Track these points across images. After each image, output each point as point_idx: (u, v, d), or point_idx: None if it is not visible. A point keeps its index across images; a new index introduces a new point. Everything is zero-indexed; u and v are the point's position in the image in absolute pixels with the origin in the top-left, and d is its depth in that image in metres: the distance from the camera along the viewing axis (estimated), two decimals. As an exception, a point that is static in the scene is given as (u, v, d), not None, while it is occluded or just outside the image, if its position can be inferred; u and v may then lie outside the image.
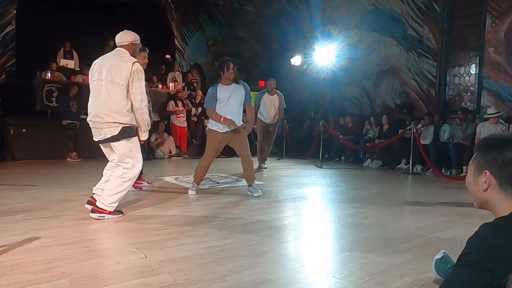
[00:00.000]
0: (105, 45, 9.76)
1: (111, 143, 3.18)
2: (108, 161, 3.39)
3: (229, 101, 4.30)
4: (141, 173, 4.76)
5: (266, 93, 6.98)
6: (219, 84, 4.34)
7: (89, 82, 3.30)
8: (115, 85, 3.10)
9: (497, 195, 1.15)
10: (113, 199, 3.16)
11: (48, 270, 2.04)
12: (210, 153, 4.44)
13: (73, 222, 3.05)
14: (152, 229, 2.89)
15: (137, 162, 3.24)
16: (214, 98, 4.30)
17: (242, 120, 4.51)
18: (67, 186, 4.64)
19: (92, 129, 3.25)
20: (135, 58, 3.25)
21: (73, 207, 3.57)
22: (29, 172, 5.89)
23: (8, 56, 8.88)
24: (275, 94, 6.98)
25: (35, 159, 7.32)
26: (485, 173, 1.17)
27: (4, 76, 8.18)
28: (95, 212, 3.15)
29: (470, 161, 1.25)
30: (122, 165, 3.19)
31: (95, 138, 3.25)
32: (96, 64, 3.26)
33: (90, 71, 3.32)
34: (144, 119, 3.23)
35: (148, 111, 3.34)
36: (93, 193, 3.35)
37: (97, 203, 3.18)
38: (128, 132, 3.16)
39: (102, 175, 3.40)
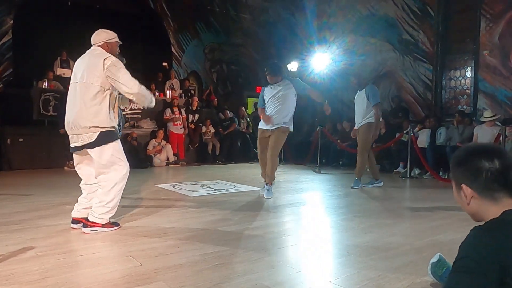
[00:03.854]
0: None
1: (90, 151, 2.94)
2: (80, 176, 3.16)
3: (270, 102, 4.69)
4: None
5: (358, 90, 5.61)
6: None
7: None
8: (89, 86, 2.90)
9: (481, 204, 1.18)
10: (103, 210, 2.95)
11: (42, 280, 2.02)
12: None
13: (69, 231, 3.03)
14: (148, 237, 2.87)
15: (121, 165, 3.00)
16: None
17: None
18: (64, 195, 4.62)
19: (69, 136, 3.03)
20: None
21: (69, 216, 3.53)
22: (26, 182, 5.87)
23: (5, 66, 8.91)
24: (364, 89, 5.47)
25: (33, 168, 7.30)
26: (462, 187, 1.20)
27: (1, 85, 8.19)
28: (86, 227, 2.97)
29: (451, 180, 1.29)
30: (105, 172, 2.96)
31: (72, 145, 3.01)
32: (75, 65, 3.10)
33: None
34: (147, 99, 3.05)
35: (144, 88, 3.05)
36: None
37: (88, 217, 2.99)
38: (107, 136, 2.94)
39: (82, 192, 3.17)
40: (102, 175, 2.98)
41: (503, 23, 7.33)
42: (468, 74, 8.02)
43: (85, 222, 2.99)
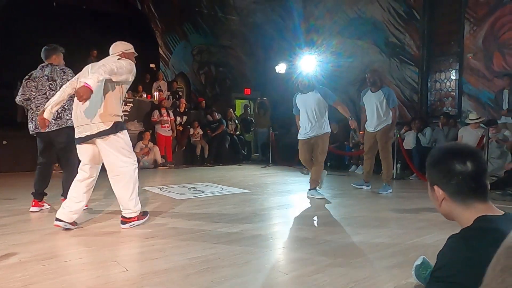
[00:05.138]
0: (89, 55, 9.71)
1: (102, 142, 3.02)
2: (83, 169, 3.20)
3: (302, 110, 4.91)
4: (44, 194, 4.01)
5: (369, 90, 5.41)
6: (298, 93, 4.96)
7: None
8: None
9: (453, 206, 1.17)
10: (132, 203, 3.16)
11: (25, 287, 1.98)
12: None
13: (53, 236, 2.98)
14: (134, 241, 2.84)
15: (131, 157, 3.18)
16: (295, 104, 4.97)
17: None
18: (49, 198, 4.52)
19: (75, 129, 3.12)
20: None
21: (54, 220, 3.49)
22: (10, 185, 5.76)
23: (-12, 67, 8.72)
24: (380, 90, 5.26)
25: (17, 172, 7.16)
26: (434, 188, 1.20)
27: (-16, 87, 8.03)
28: (125, 223, 3.17)
29: (427, 178, 1.28)
30: (118, 166, 3.09)
31: (83, 134, 3.04)
32: (85, 68, 3.24)
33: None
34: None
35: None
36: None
37: (123, 214, 3.18)
38: (120, 125, 3.10)
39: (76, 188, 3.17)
40: (116, 169, 3.10)
41: (486, 26, 7.47)
42: (453, 77, 8.15)
43: (123, 219, 3.18)
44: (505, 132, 6.10)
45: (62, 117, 3.76)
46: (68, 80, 3.66)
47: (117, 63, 2.99)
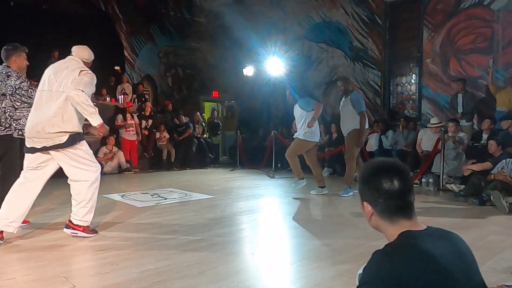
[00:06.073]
0: (49, 55, 9.37)
1: (59, 156, 3.02)
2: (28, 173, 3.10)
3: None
4: None
5: (344, 97, 5.63)
6: None
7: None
8: (61, 94, 2.98)
9: (380, 222, 1.23)
10: (84, 210, 3.09)
11: (-39, 309, 1.89)
12: None
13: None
14: (86, 255, 2.77)
15: (92, 166, 3.14)
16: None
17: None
18: None
19: (27, 139, 3.03)
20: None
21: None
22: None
23: None
24: (349, 96, 5.49)
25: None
26: (363, 204, 1.25)
27: None
28: (69, 228, 3.12)
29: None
30: (78, 174, 3.07)
31: (35, 146, 2.98)
32: (45, 73, 3.14)
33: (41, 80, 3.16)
34: (89, 112, 2.99)
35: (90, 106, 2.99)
36: None
37: (70, 218, 3.12)
38: (76, 138, 3.05)
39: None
40: (75, 176, 3.08)
41: (443, 33, 7.77)
42: (413, 81, 8.43)
43: (68, 223, 3.12)
44: (461, 134, 6.36)
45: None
46: (11, 86, 3.47)
47: (85, 79, 3.00)
